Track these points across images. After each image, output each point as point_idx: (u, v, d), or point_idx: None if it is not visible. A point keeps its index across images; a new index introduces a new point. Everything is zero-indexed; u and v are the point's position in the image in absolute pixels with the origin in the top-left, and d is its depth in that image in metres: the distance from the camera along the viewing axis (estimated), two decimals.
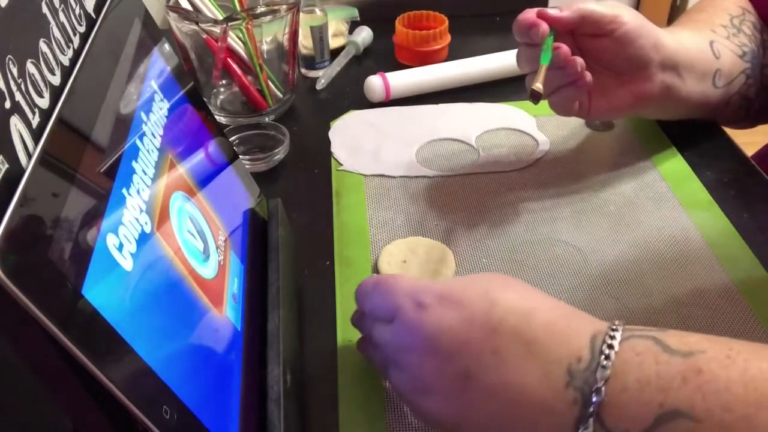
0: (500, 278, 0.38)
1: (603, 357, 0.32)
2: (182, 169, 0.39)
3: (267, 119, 0.69)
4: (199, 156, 0.42)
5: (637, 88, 0.55)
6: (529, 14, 0.51)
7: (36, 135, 0.27)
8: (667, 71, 0.55)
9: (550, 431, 0.33)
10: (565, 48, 0.51)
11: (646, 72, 0.54)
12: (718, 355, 0.31)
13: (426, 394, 0.35)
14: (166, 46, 0.43)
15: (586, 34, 0.53)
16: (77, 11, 0.35)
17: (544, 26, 0.50)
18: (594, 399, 0.31)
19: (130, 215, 0.31)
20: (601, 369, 0.32)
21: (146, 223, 0.32)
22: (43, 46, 0.30)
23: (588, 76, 0.52)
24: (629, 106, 0.56)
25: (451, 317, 0.35)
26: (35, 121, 0.28)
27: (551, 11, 0.51)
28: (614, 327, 0.34)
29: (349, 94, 0.74)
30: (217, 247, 0.40)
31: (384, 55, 0.81)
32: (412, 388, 0.36)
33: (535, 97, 0.49)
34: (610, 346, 0.33)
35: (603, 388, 0.31)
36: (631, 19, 0.52)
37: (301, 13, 0.72)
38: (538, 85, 0.49)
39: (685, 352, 0.32)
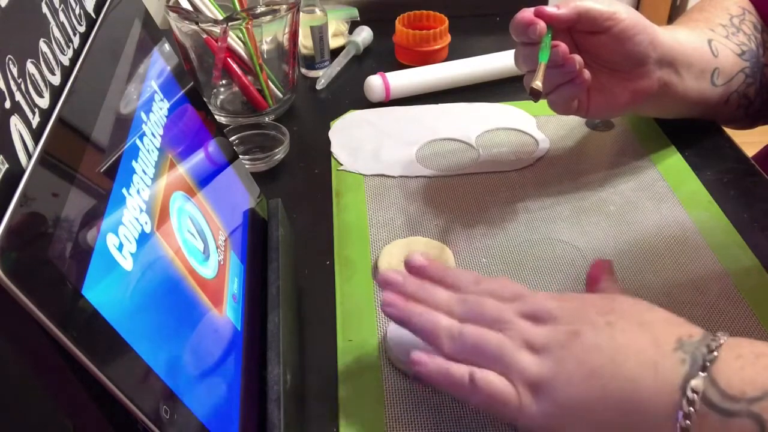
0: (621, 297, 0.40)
1: (714, 336, 0.33)
2: (182, 169, 0.39)
3: (267, 119, 0.69)
4: (199, 156, 0.42)
5: (635, 85, 0.55)
6: (526, 13, 0.51)
7: (36, 135, 0.27)
8: (665, 68, 0.55)
9: (652, 387, 0.32)
10: (563, 46, 0.51)
11: (643, 69, 0.54)
12: None
13: (531, 349, 0.36)
14: (166, 46, 0.43)
15: (583, 31, 0.53)
16: (77, 11, 0.35)
17: (542, 24, 0.50)
18: (707, 359, 0.32)
19: (130, 215, 0.31)
20: (713, 341, 0.33)
21: (146, 223, 0.32)
22: (43, 46, 0.30)
23: (586, 73, 0.52)
24: (627, 104, 0.56)
25: (571, 303, 0.38)
26: (35, 121, 0.28)
27: (548, 9, 0.51)
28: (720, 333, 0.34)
29: (349, 94, 0.74)
30: (217, 247, 0.40)
31: (384, 55, 0.81)
32: (515, 340, 0.37)
33: (535, 95, 0.49)
34: (721, 335, 0.34)
35: (716, 352, 0.32)
36: (628, 16, 0.52)
37: (301, 13, 0.72)
38: (538, 83, 0.49)
39: None
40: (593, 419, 0.34)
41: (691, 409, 0.31)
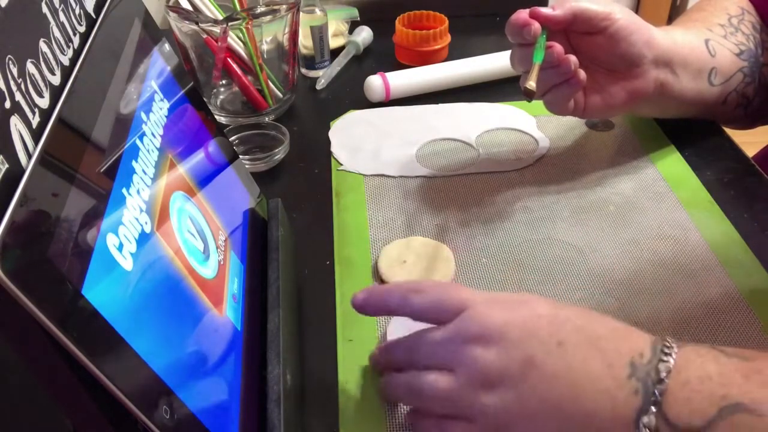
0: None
1: (664, 354, 0.33)
2: (182, 169, 0.39)
3: (267, 119, 0.69)
4: (199, 156, 0.42)
5: (632, 85, 0.55)
6: (522, 14, 0.51)
7: (36, 135, 0.27)
8: (661, 68, 0.55)
9: (610, 422, 0.33)
10: (558, 47, 0.51)
11: (639, 69, 0.54)
12: None
13: (487, 386, 0.35)
14: (166, 46, 0.43)
15: (579, 32, 0.54)
16: (77, 11, 0.35)
17: (536, 25, 0.50)
18: (656, 389, 0.32)
19: (130, 215, 0.31)
20: (663, 363, 0.33)
21: (146, 223, 0.32)
22: (43, 46, 0.30)
23: (582, 73, 0.52)
24: (624, 104, 0.56)
25: (519, 314, 0.37)
26: (35, 121, 0.28)
27: (543, 10, 0.51)
28: (670, 339, 0.35)
29: (349, 94, 0.74)
30: (217, 247, 0.40)
31: (384, 55, 0.81)
32: (473, 381, 0.35)
33: (529, 96, 0.49)
34: (671, 347, 0.34)
35: (665, 380, 0.32)
36: (623, 16, 0.53)
37: (301, 13, 0.72)
38: (531, 84, 0.49)
39: (743, 357, 0.33)
40: None
41: None
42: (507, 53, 0.73)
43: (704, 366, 0.33)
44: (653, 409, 0.32)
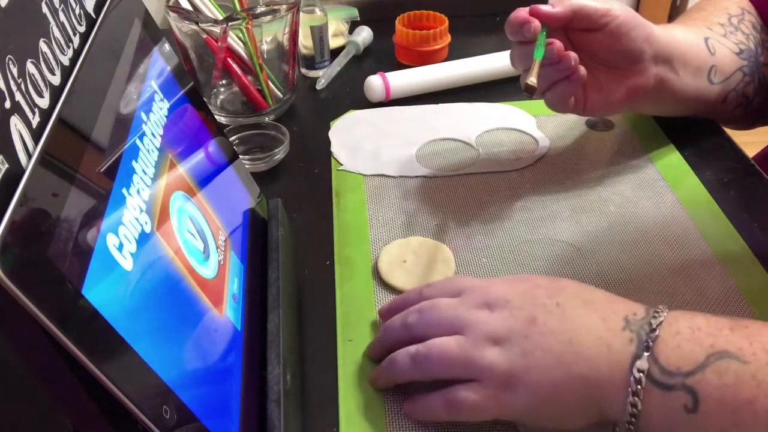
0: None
1: (656, 312, 0.37)
2: (182, 169, 0.39)
3: (267, 119, 0.69)
4: (199, 156, 0.42)
5: (632, 81, 0.55)
6: (521, 12, 0.51)
7: (36, 135, 0.27)
8: (661, 64, 0.55)
9: (607, 367, 0.35)
10: (558, 43, 0.51)
11: (639, 65, 0.54)
12: (759, 322, 0.35)
13: (494, 343, 0.38)
14: (166, 46, 0.43)
15: (578, 29, 0.54)
16: (77, 11, 0.35)
17: (536, 23, 0.51)
18: (648, 338, 0.35)
19: (130, 215, 0.31)
20: (655, 318, 0.36)
21: (146, 223, 0.32)
22: (43, 46, 0.30)
23: (582, 69, 0.52)
24: (624, 101, 0.56)
25: (520, 285, 0.41)
26: (35, 121, 0.28)
27: (543, 7, 0.51)
28: (662, 306, 0.38)
29: (349, 94, 0.74)
30: (217, 247, 0.40)
31: (384, 55, 0.81)
32: (477, 339, 0.38)
33: (530, 92, 0.50)
34: (662, 309, 0.37)
35: (657, 330, 0.35)
36: (622, 13, 0.53)
37: (301, 13, 0.72)
38: (533, 80, 0.49)
39: (730, 318, 0.36)
40: (564, 400, 0.36)
41: (639, 386, 0.34)
42: (507, 53, 0.73)
43: (694, 320, 0.36)
44: (646, 354, 0.35)
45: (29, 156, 0.26)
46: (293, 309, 0.46)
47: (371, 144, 0.65)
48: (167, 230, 0.34)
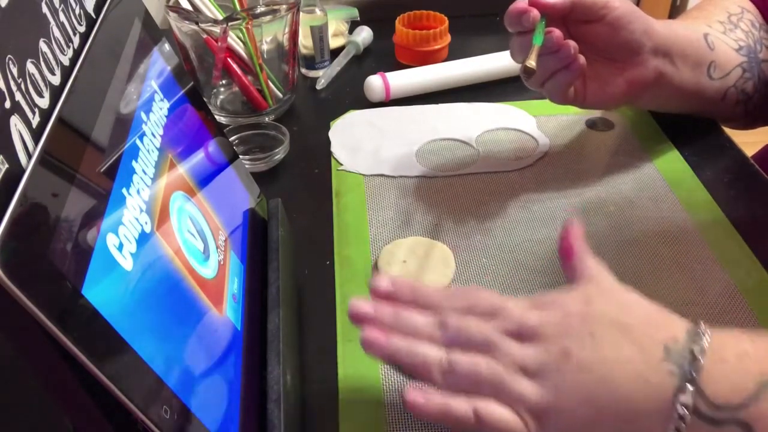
0: (594, 285, 0.39)
1: (697, 337, 0.34)
2: (182, 169, 0.39)
3: (267, 119, 0.69)
4: (199, 156, 0.42)
5: (631, 74, 0.55)
6: (520, 3, 0.52)
7: (36, 135, 0.27)
8: (660, 57, 0.56)
9: (646, 402, 0.33)
10: (557, 32, 0.51)
11: (639, 57, 0.55)
12: None
13: (522, 373, 0.35)
14: (166, 46, 0.43)
15: (578, 20, 0.54)
16: (77, 11, 0.35)
17: (535, 12, 0.51)
18: (691, 368, 0.32)
19: (130, 215, 0.31)
20: (697, 345, 0.33)
21: (146, 223, 0.32)
22: (43, 46, 0.30)
23: (581, 58, 0.53)
24: (624, 93, 0.56)
25: (552, 314, 0.37)
26: (35, 121, 0.28)
27: None
28: (704, 324, 0.35)
29: (349, 94, 0.74)
30: (217, 247, 0.40)
31: (384, 55, 0.81)
32: (508, 366, 0.36)
33: (529, 74, 0.50)
34: (704, 331, 0.34)
35: (701, 359, 0.33)
36: (621, 5, 0.53)
37: (301, 13, 0.72)
38: (531, 62, 0.49)
39: None
40: None
41: (682, 423, 0.32)
42: (507, 53, 0.73)
43: (739, 345, 0.33)
44: (690, 387, 0.32)
45: (29, 156, 0.26)
46: (293, 309, 0.46)
47: (371, 144, 0.65)
48: (167, 230, 0.34)
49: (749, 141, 0.71)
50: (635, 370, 0.34)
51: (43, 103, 0.29)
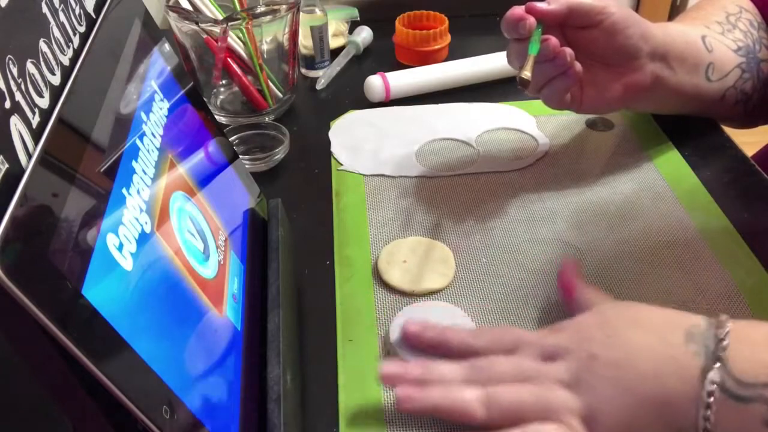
0: (602, 304, 0.42)
1: (719, 322, 0.35)
2: (182, 169, 0.39)
3: (267, 119, 0.69)
4: (199, 156, 0.42)
5: (628, 78, 0.55)
6: (517, 10, 0.52)
7: (36, 135, 0.27)
8: (657, 62, 0.56)
9: (675, 381, 0.34)
10: (553, 40, 0.51)
11: (636, 62, 0.55)
12: None
13: (563, 388, 0.37)
14: (166, 46, 0.43)
15: (574, 26, 0.54)
16: (77, 11, 0.35)
17: (531, 20, 0.51)
18: (717, 347, 0.34)
19: (130, 215, 0.31)
20: (720, 328, 0.35)
21: (146, 223, 0.32)
22: (43, 46, 0.30)
23: (578, 65, 0.53)
24: (621, 98, 0.56)
25: (570, 330, 0.40)
26: (35, 121, 0.28)
27: (539, 5, 0.52)
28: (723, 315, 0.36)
29: (349, 94, 0.74)
30: (217, 247, 0.40)
31: (384, 55, 0.81)
32: (546, 384, 0.37)
33: (524, 86, 0.50)
34: (725, 319, 0.36)
35: (726, 340, 0.34)
36: (618, 10, 0.53)
37: (301, 13, 0.72)
38: (526, 73, 0.49)
39: None
40: (640, 426, 0.35)
41: (711, 399, 0.33)
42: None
43: (760, 328, 0.35)
44: (717, 365, 0.34)
45: (29, 156, 0.26)
46: (293, 309, 0.46)
47: (371, 144, 0.65)
48: (167, 230, 0.34)
49: (749, 141, 0.71)
50: (661, 354, 0.35)
51: (43, 103, 0.29)
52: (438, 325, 0.43)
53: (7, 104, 0.26)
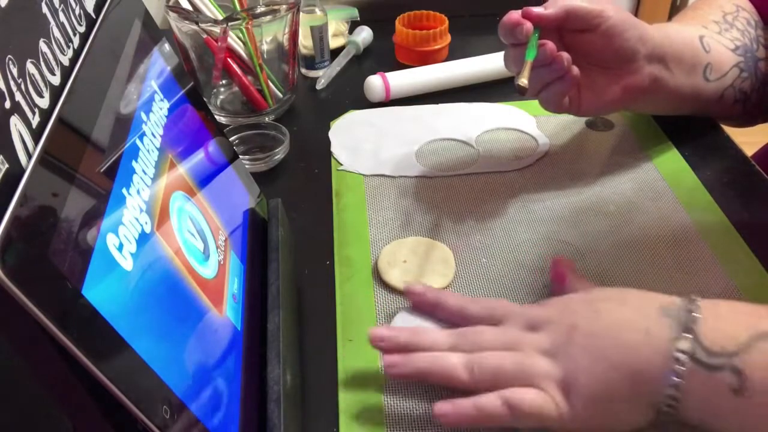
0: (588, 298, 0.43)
1: (692, 298, 0.37)
2: (182, 169, 0.39)
3: (267, 119, 0.69)
4: (199, 156, 0.42)
5: (626, 81, 0.55)
6: (513, 14, 0.52)
7: (36, 135, 0.27)
8: (655, 63, 0.56)
9: (647, 350, 0.36)
10: (550, 44, 0.51)
11: (633, 65, 0.55)
12: None
13: (542, 354, 0.39)
14: (166, 46, 0.43)
15: (572, 30, 0.54)
16: (77, 11, 0.35)
17: (528, 25, 0.51)
18: (688, 319, 0.36)
19: (130, 215, 0.31)
20: (692, 303, 0.37)
21: (146, 223, 0.32)
22: (43, 46, 0.30)
23: (575, 70, 0.53)
24: (619, 100, 0.56)
25: (556, 305, 0.42)
26: (35, 121, 0.28)
27: (535, 9, 0.52)
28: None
29: (349, 94, 0.74)
30: (217, 247, 0.40)
31: (384, 55, 0.81)
32: (528, 352, 0.40)
33: (522, 92, 0.50)
34: (698, 298, 0.38)
35: (697, 313, 0.36)
36: (615, 14, 0.53)
37: (301, 13, 0.72)
38: (524, 80, 0.49)
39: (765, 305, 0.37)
40: (616, 395, 0.37)
41: (681, 368, 0.35)
42: None
43: (732, 305, 0.38)
44: (688, 335, 0.35)
45: (29, 156, 0.26)
46: (293, 309, 0.46)
47: (371, 144, 0.65)
48: (167, 230, 0.34)
49: (749, 141, 0.71)
50: (636, 325, 0.37)
51: (43, 103, 0.29)
52: (434, 290, 0.46)
53: (7, 104, 0.26)
